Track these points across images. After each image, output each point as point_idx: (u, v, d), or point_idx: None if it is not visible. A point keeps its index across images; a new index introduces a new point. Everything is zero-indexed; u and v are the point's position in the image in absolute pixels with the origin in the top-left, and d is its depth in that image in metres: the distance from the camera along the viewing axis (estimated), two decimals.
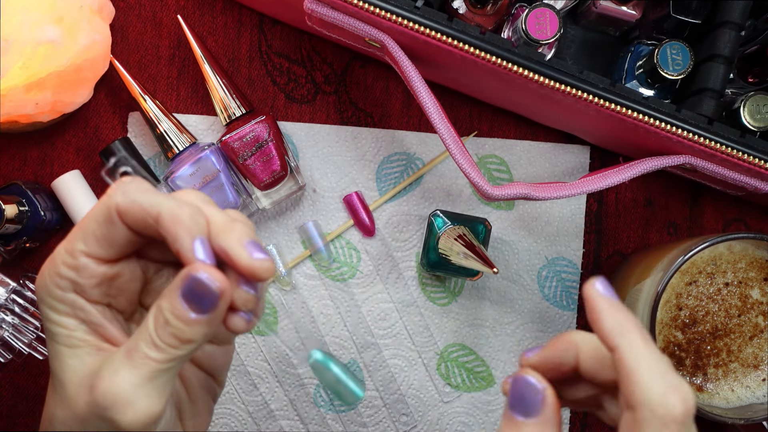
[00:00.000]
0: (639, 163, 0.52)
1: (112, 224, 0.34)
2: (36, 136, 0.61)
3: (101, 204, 0.34)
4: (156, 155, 0.61)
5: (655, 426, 0.32)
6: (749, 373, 0.53)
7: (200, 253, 0.33)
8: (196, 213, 0.33)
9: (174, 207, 0.33)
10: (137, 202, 0.33)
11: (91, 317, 0.35)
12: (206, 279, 0.32)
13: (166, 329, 0.33)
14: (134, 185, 0.34)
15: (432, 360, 0.62)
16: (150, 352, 0.33)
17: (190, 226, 0.33)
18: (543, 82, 0.49)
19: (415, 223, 0.62)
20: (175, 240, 0.33)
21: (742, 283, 0.53)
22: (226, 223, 0.34)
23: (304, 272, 0.62)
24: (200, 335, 0.33)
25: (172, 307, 0.33)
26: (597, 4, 0.55)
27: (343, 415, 0.62)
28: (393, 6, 0.47)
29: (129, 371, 0.33)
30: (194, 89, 0.61)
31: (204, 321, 0.33)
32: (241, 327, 0.35)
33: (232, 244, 0.33)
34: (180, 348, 0.33)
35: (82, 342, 0.35)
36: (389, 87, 0.62)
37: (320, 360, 0.40)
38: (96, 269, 0.34)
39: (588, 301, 0.34)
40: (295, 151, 0.61)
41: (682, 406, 0.32)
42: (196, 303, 0.33)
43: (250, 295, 0.34)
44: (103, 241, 0.34)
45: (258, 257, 0.33)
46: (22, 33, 0.51)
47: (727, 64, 0.52)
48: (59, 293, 0.34)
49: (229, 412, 0.61)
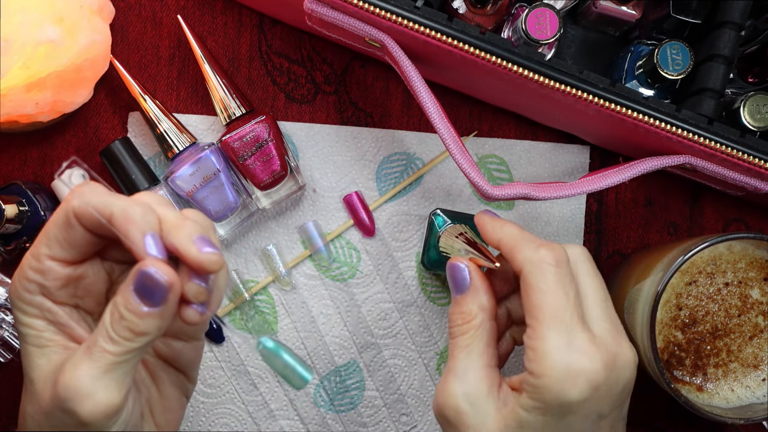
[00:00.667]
0: (639, 163, 0.52)
1: (71, 227, 0.35)
2: (36, 136, 0.61)
3: (61, 209, 0.36)
4: (156, 155, 0.61)
5: (534, 272, 0.41)
6: (749, 373, 0.53)
7: (151, 248, 0.34)
8: (147, 211, 0.35)
9: (126, 206, 0.35)
10: (91, 204, 0.35)
11: (58, 318, 0.37)
12: (155, 273, 0.34)
13: (121, 323, 0.34)
14: (88, 188, 0.36)
15: (432, 360, 0.62)
16: (107, 345, 0.34)
17: (141, 223, 0.35)
18: (543, 82, 0.49)
19: (415, 222, 0.62)
20: (126, 237, 0.34)
21: (742, 283, 0.53)
22: (177, 220, 0.36)
23: (304, 272, 0.62)
24: (154, 327, 0.35)
25: (125, 301, 0.34)
26: (597, 4, 0.55)
27: (343, 415, 0.62)
28: (393, 6, 0.47)
29: (88, 365, 0.34)
30: (194, 89, 0.61)
31: (156, 314, 0.35)
32: (194, 318, 0.36)
33: (182, 240, 0.35)
34: (135, 340, 0.35)
35: (51, 342, 0.36)
36: (389, 87, 0.62)
37: (270, 348, 0.41)
38: (60, 271, 0.36)
39: (478, 225, 0.47)
40: (295, 151, 0.61)
41: (552, 254, 0.41)
42: (148, 297, 0.34)
43: (201, 287, 0.36)
44: (64, 244, 0.36)
45: (206, 251, 0.35)
46: (22, 33, 0.51)
47: (727, 64, 0.52)
48: (28, 296, 0.36)
49: (229, 412, 0.61)
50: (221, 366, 0.61)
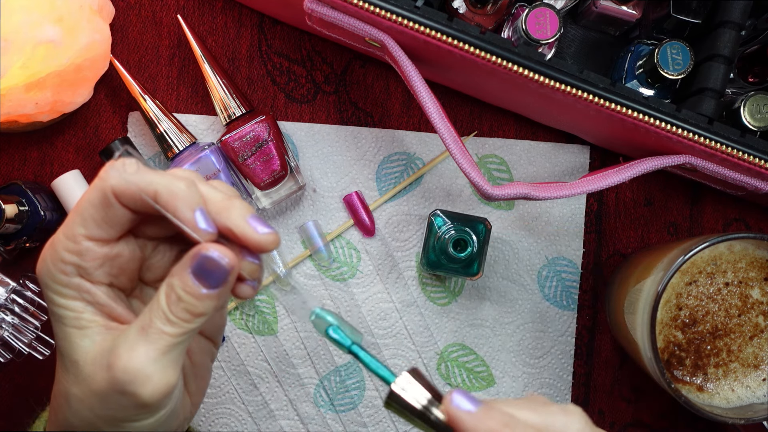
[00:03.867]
0: (639, 163, 0.52)
1: (110, 206, 0.35)
2: (36, 136, 0.61)
3: (95, 188, 0.35)
4: (156, 155, 0.61)
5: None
6: (749, 373, 0.53)
7: (202, 222, 0.34)
8: (190, 185, 0.35)
9: (169, 183, 0.34)
10: (133, 182, 0.34)
11: (97, 299, 0.36)
12: (217, 257, 0.34)
13: (179, 305, 0.35)
14: (126, 166, 0.35)
15: (432, 360, 0.62)
16: (165, 327, 0.35)
17: (188, 198, 0.34)
18: (543, 82, 0.49)
19: (415, 223, 0.62)
20: (175, 214, 0.34)
21: (743, 283, 0.53)
22: (224, 200, 0.36)
23: (304, 272, 0.62)
24: (211, 308, 0.35)
25: (183, 284, 0.35)
26: (597, 3, 0.55)
27: (343, 415, 0.62)
28: (393, 6, 0.47)
29: (145, 347, 0.34)
30: (194, 89, 0.61)
31: (215, 295, 0.35)
32: (249, 294, 0.37)
33: (237, 221, 0.35)
34: (193, 321, 0.35)
35: (91, 323, 0.36)
36: (389, 87, 0.62)
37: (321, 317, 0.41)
38: (98, 251, 0.36)
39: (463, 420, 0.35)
40: (295, 151, 0.61)
41: None
42: (207, 279, 0.35)
43: (255, 264, 0.36)
44: (102, 223, 0.35)
45: (264, 231, 0.35)
46: (22, 33, 0.51)
47: (727, 63, 0.52)
48: (64, 278, 0.36)
49: (229, 412, 0.61)
50: (221, 366, 0.61)
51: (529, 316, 0.62)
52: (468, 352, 0.62)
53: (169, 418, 0.37)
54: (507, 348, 0.62)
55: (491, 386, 0.62)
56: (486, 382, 0.62)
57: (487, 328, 0.62)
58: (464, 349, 0.62)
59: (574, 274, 0.62)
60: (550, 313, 0.62)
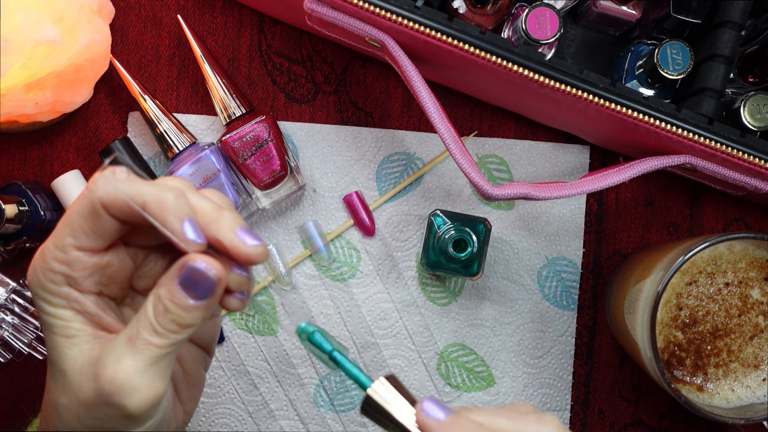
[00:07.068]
0: (639, 163, 0.52)
1: (98, 217, 0.35)
2: (36, 136, 0.61)
3: (84, 198, 0.35)
4: (156, 155, 0.61)
5: None
6: (749, 373, 0.53)
7: (190, 233, 0.34)
8: (179, 196, 0.35)
9: (158, 193, 0.34)
10: (121, 192, 0.34)
11: (86, 308, 0.36)
12: (204, 268, 0.34)
13: (167, 316, 0.34)
14: (115, 176, 0.35)
15: (432, 360, 0.62)
16: (152, 338, 0.34)
17: (176, 208, 0.34)
18: (543, 82, 0.49)
19: (415, 223, 0.62)
20: (164, 224, 0.34)
21: (743, 283, 0.53)
22: (214, 211, 0.35)
23: (304, 272, 0.62)
24: (199, 319, 0.35)
25: (171, 295, 0.34)
26: (597, 3, 0.55)
27: (343, 415, 0.62)
28: (393, 6, 0.47)
29: (132, 358, 0.34)
30: (194, 89, 0.61)
31: (202, 306, 0.35)
32: (237, 306, 0.37)
33: (226, 233, 0.35)
34: (180, 333, 0.35)
35: (80, 332, 0.36)
36: (389, 87, 0.62)
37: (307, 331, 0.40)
38: (87, 261, 0.36)
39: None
40: (295, 151, 0.61)
41: None
42: (194, 290, 0.34)
43: (244, 277, 0.36)
44: (91, 234, 0.35)
45: (252, 244, 0.35)
46: (22, 33, 0.51)
47: (727, 63, 0.52)
48: (53, 287, 0.35)
49: (229, 412, 0.61)
50: (221, 366, 0.61)
51: (529, 316, 0.62)
52: (468, 352, 0.62)
53: (159, 427, 0.37)
54: (507, 348, 0.62)
55: (491, 386, 0.62)
56: (486, 382, 0.62)
57: (487, 328, 0.62)
58: (464, 349, 0.62)
59: (574, 274, 0.62)
60: (550, 313, 0.62)
